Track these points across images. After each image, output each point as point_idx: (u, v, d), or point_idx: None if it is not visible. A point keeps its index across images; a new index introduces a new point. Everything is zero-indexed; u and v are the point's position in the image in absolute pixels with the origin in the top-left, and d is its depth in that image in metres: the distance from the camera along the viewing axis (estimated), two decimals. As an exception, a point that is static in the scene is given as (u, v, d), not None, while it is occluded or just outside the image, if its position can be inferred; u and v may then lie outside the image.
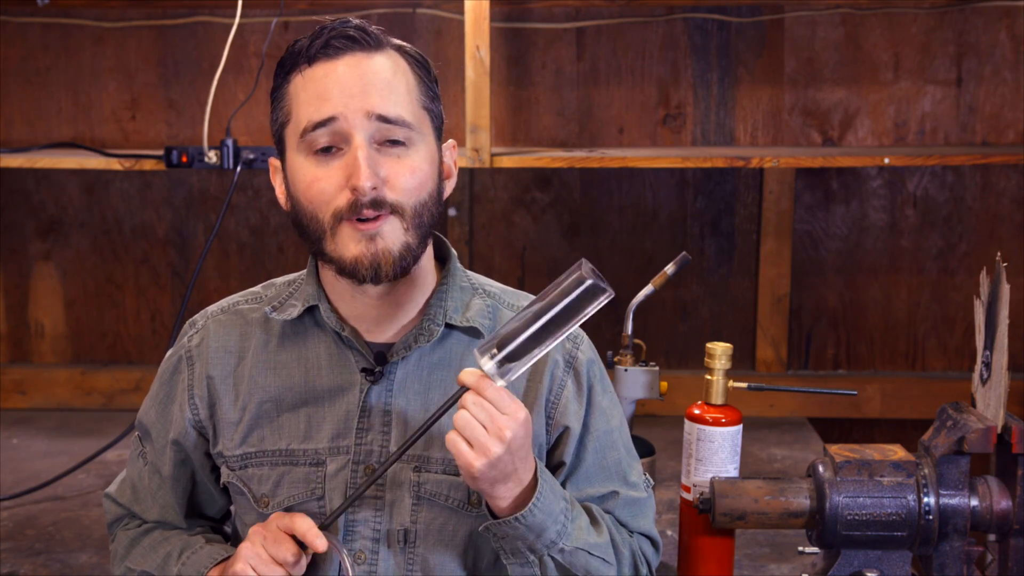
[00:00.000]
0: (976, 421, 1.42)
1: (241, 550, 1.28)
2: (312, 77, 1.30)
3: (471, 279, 1.44)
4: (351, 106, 1.27)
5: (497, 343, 1.22)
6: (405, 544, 1.35)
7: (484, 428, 1.20)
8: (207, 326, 1.43)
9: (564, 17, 2.70)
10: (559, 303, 1.21)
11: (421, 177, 1.30)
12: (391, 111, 1.28)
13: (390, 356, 1.36)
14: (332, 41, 1.29)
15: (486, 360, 1.22)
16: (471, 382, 1.22)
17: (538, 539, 1.28)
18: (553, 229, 2.79)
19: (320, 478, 1.35)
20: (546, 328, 1.21)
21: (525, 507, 1.26)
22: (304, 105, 1.30)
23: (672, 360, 2.83)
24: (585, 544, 1.32)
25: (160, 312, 2.86)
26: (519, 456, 1.24)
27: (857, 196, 2.76)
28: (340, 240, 1.29)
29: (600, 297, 1.21)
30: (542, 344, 1.22)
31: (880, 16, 2.68)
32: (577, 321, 1.22)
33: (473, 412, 1.21)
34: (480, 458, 1.20)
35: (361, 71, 1.29)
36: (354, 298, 1.36)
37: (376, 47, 1.30)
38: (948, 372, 2.83)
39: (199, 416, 1.41)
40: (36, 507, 2.15)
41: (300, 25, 2.70)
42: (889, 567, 1.44)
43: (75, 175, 2.79)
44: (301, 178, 1.30)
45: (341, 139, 1.28)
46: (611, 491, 1.41)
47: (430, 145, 1.33)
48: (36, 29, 2.73)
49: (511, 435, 1.21)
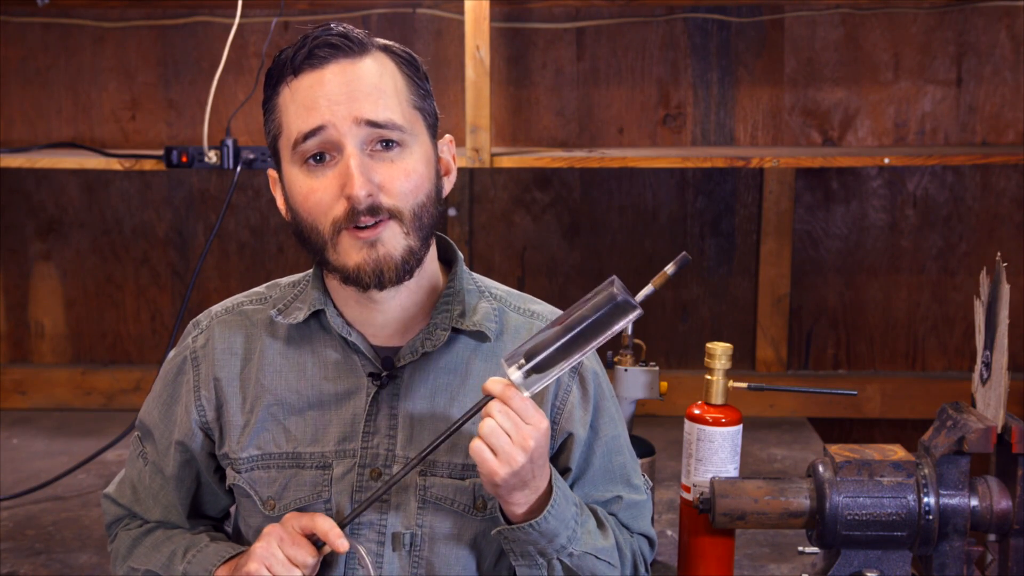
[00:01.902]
0: (976, 421, 1.42)
1: (256, 549, 1.28)
2: (298, 88, 1.29)
3: (477, 282, 1.44)
4: (339, 113, 1.26)
5: (525, 354, 1.23)
6: (410, 547, 1.35)
7: (509, 437, 1.21)
8: (212, 327, 1.43)
9: (564, 17, 2.70)
10: (589, 318, 1.22)
11: (417, 179, 1.30)
12: (380, 115, 1.27)
13: (397, 361, 1.36)
14: (315, 50, 1.28)
15: (513, 370, 1.23)
16: (498, 391, 1.22)
17: (549, 544, 1.30)
18: (553, 229, 2.79)
19: (327, 481, 1.35)
20: (574, 342, 1.22)
21: (539, 513, 1.27)
22: (293, 116, 1.29)
23: (672, 360, 2.83)
24: (593, 548, 1.33)
25: (160, 312, 2.86)
26: (538, 465, 1.25)
27: (857, 196, 2.76)
28: (341, 250, 1.29)
29: (630, 314, 1.22)
30: (569, 358, 1.23)
31: (880, 16, 2.68)
32: (605, 337, 1.23)
33: (499, 421, 1.21)
34: (504, 467, 1.21)
35: (347, 78, 1.28)
36: (360, 303, 1.35)
37: (361, 51, 1.29)
38: (948, 372, 2.83)
39: (206, 417, 1.41)
40: (36, 507, 2.15)
41: (300, 25, 2.70)
42: (889, 567, 1.44)
43: (75, 175, 2.79)
44: (297, 190, 1.30)
45: (332, 147, 1.28)
46: (616, 496, 1.42)
47: (424, 145, 1.32)
48: (36, 29, 2.73)
49: (535, 445, 1.22)
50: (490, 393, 1.23)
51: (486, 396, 1.23)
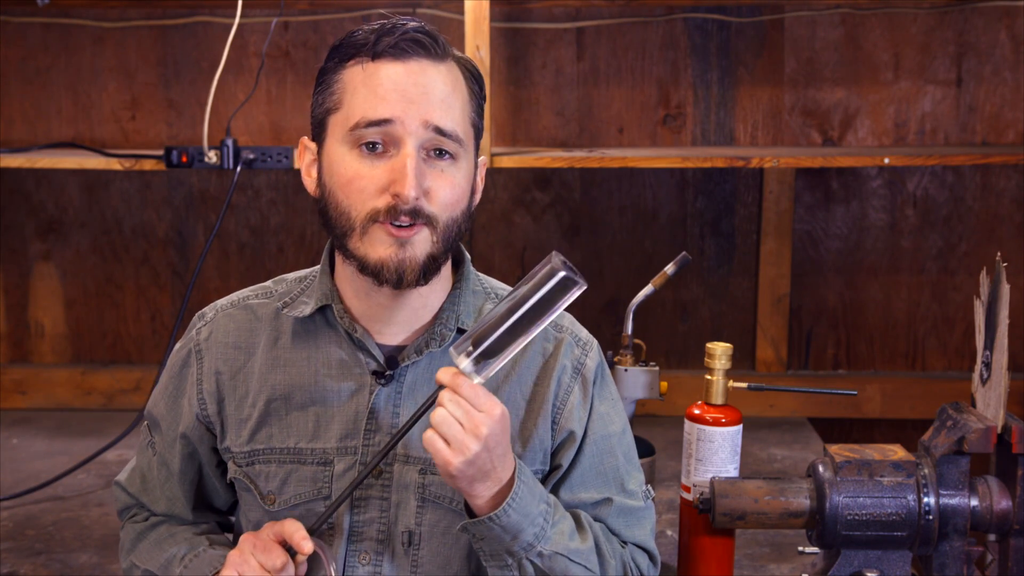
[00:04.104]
0: (976, 421, 1.42)
1: (230, 557, 1.28)
2: (373, 73, 1.28)
3: (483, 283, 1.44)
4: (409, 112, 1.26)
5: (472, 341, 1.21)
6: (409, 546, 1.35)
7: (461, 425, 1.20)
8: (216, 319, 1.43)
9: (564, 17, 2.70)
10: (531, 297, 1.20)
11: (459, 193, 1.30)
12: (447, 124, 1.28)
13: (401, 359, 1.36)
14: (402, 42, 1.28)
15: (462, 359, 1.22)
16: (446, 380, 1.21)
17: (514, 541, 1.27)
18: (553, 229, 2.79)
19: (327, 478, 1.35)
20: (519, 323, 1.20)
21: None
22: (360, 100, 1.28)
23: (672, 360, 2.83)
24: (565, 549, 1.31)
25: (160, 312, 2.86)
26: (496, 454, 1.23)
27: (857, 196, 2.76)
28: (369, 240, 1.28)
29: (573, 289, 1.20)
30: (518, 340, 1.21)
31: (880, 16, 2.68)
32: (552, 314, 1.21)
33: (450, 410, 1.20)
34: (457, 456, 1.20)
35: (426, 79, 1.28)
36: (369, 297, 1.35)
37: (442, 57, 1.30)
38: (948, 372, 2.83)
39: (206, 411, 1.41)
40: (36, 507, 2.15)
41: (300, 25, 2.70)
42: (889, 567, 1.44)
43: (75, 175, 2.79)
44: (342, 171, 1.29)
45: (392, 141, 1.27)
46: (605, 498, 1.40)
47: (470, 161, 1.33)
48: (36, 29, 2.73)
49: (487, 431, 1.20)
50: (440, 383, 1.21)
51: (438, 387, 1.22)
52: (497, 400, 1.23)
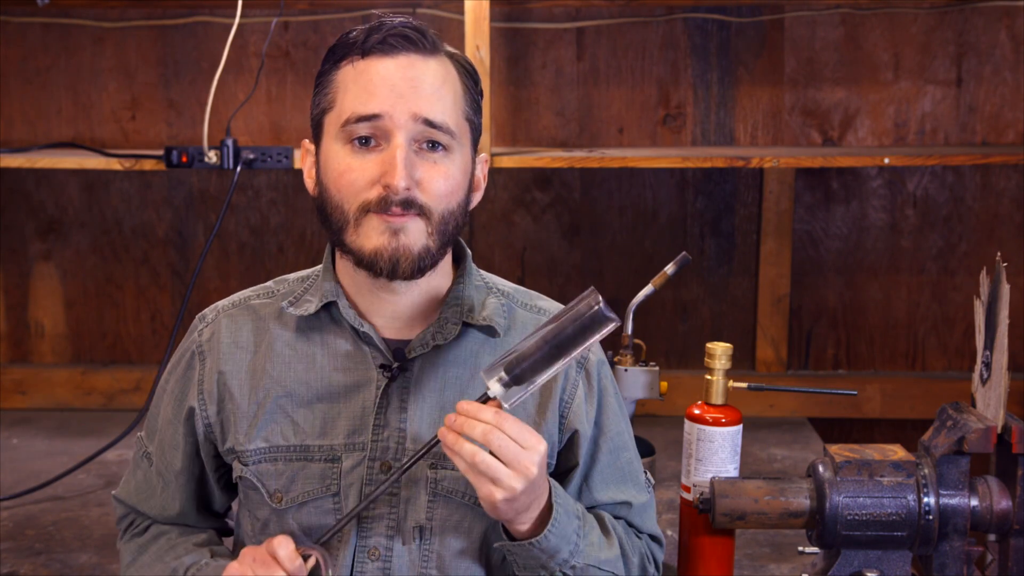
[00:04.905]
0: (976, 421, 1.42)
1: (230, 569, 1.29)
2: (363, 70, 1.30)
3: (485, 278, 1.45)
4: (398, 106, 1.27)
5: (505, 367, 1.22)
6: (420, 540, 1.35)
7: (509, 467, 1.20)
8: (218, 320, 1.43)
9: (564, 17, 2.70)
10: (567, 328, 1.22)
11: (453, 184, 1.31)
12: (437, 116, 1.29)
13: (408, 353, 1.36)
14: (389, 38, 1.29)
15: (494, 384, 1.23)
16: (490, 419, 1.21)
17: (551, 559, 1.30)
18: (553, 229, 2.79)
19: (336, 474, 1.35)
20: (554, 354, 1.22)
21: (541, 530, 1.28)
22: (351, 96, 1.30)
23: (672, 360, 2.83)
24: (596, 560, 1.34)
25: (160, 312, 2.86)
26: (539, 485, 1.25)
27: (857, 196, 2.76)
28: (363, 230, 1.29)
29: (608, 326, 1.22)
30: (547, 370, 1.23)
31: (880, 16, 2.68)
32: (582, 349, 1.23)
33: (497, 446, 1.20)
34: (506, 493, 1.21)
35: (414, 73, 1.29)
36: (372, 293, 1.36)
37: (432, 51, 1.31)
38: (948, 372, 2.83)
39: (207, 413, 1.41)
40: (36, 507, 2.15)
41: (300, 25, 2.70)
42: (889, 567, 1.44)
43: (75, 175, 2.79)
44: (334, 166, 1.31)
45: (382, 135, 1.29)
46: (626, 501, 1.43)
47: (466, 155, 1.34)
48: (36, 29, 2.73)
49: (537, 471, 1.22)
50: (475, 417, 1.21)
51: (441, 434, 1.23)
52: (540, 436, 1.24)
